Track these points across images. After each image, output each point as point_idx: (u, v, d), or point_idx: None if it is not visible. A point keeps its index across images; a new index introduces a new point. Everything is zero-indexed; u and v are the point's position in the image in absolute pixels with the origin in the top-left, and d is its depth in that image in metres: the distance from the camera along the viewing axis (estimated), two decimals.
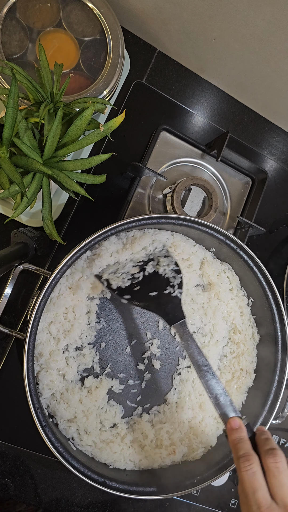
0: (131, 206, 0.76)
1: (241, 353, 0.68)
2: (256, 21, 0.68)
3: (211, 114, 0.87)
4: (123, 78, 0.79)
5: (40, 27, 0.68)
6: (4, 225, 0.70)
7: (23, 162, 0.53)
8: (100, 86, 0.68)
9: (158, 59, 0.84)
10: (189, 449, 0.65)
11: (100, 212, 0.76)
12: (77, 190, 0.58)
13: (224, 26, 0.72)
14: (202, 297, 0.67)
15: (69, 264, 0.57)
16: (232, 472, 0.74)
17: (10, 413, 0.67)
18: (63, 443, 0.57)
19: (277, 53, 0.72)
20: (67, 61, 0.68)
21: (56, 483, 0.68)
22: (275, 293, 0.65)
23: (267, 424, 0.63)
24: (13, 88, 0.51)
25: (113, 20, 0.70)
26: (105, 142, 0.78)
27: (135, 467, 0.63)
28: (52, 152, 0.55)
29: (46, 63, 0.57)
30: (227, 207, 0.83)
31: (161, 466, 0.64)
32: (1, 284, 0.65)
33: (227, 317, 0.68)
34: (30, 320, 0.54)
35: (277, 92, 0.82)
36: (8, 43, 0.66)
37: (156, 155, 0.79)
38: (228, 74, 0.83)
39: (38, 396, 0.55)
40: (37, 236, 0.64)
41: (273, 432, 0.79)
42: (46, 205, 0.58)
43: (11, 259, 0.57)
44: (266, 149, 0.90)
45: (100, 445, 0.61)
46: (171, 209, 0.76)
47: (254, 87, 0.83)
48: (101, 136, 0.59)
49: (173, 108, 0.83)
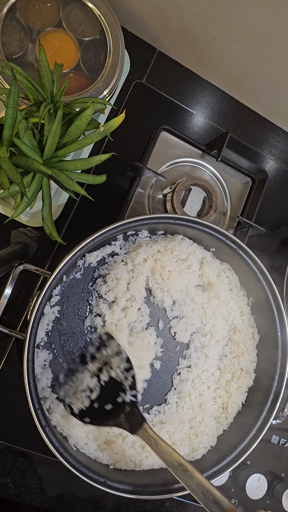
0: (131, 206, 0.76)
1: (241, 353, 0.68)
2: (256, 21, 0.68)
3: (211, 114, 0.87)
4: (123, 78, 0.79)
5: (40, 27, 0.68)
6: (4, 225, 0.70)
7: (23, 162, 0.53)
8: (100, 86, 0.68)
9: (158, 59, 0.84)
10: (190, 449, 0.65)
11: (100, 212, 0.76)
12: (77, 190, 0.58)
13: (224, 26, 0.72)
14: (202, 297, 0.67)
15: (69, 264, 0.57)
16: (232, 472, 0.74)
17: (10, 413, 0.67)
18: (63, 443, 0.57)
19: (277, 53, 0.72)
20: (67, 61, 0.68)
21: (56, 483, 0.68)
22: (275, 293, 0.65)
23: (267, 424, 0.63)
24: (13, 88, 0.51)
25: (113, 20, 0.70)
26: (105, 142, 0.78)
27: (135, 467, 0.63)
28: (52, 152, 0.55)
29: (46, 63, 0.57)
30: (227, 207, 0.83)
31: (161, 466, 0.64)
32: (1, 284, 0.65)
33: (227, 317, 0.68)
34: (30, 320, 0.54)
35: (277, 92, 0.82)
36: (8, 43, 0.66)
37: (156, 155, 0.79)
38: (228, 74, 0.83)
39: (38, 396, 0.55)
40: (37, 236, 0.64)
41: (273, 432, 0.79)
42: (46, 205, 0.58)
43: (11, 259, 0.57)
44: (266, 149, 0.90)
45: (102, 447, 0.61)
46: (171, 209, 0.76)
47: (254, 87, 0.83)
48: (101, 136, 0.59)
49: (173, 108, 0.83)
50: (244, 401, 0.68)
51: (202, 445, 0.65)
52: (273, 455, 0.78)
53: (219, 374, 0.68)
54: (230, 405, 0.67)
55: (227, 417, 0.67)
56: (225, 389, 0.67)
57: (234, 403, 0.67)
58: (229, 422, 0.67)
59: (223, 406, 0.67)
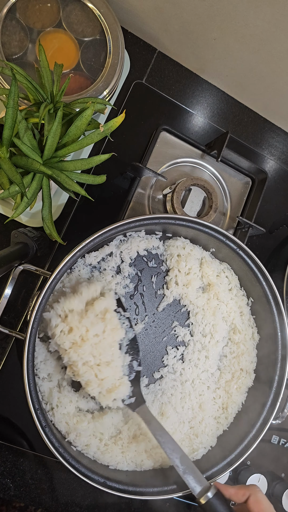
0: (131, 206, 0.76)
1: (241, 353, 0.68)
2: (256, 21, 0.68)
3: (211, 114, 0.87)
4: (123, 78, 0.79)
5: (40, 27, 0.68)
6: (4, 225, 0.70)
7: (23, 162, 0.53)
8: (100, 86, 0.68)
9: (158, 59, 0.84)
10: (190, 449, 0.65)
11: (100, 213, 0.76)
12: (77, 190, 0.58)
13: (224, 26, 0.72)
14: (201, 298, 0.67)
15: (69, 264, 0.57)
16: (232, 472, 0.74)
17: (10, 413, 0.67)
18: (63, 444, 0.57)
19: (277, 53, 0.72)
20: (67, 61, 0.68)
21: (56, 483, 0.68)
22: (275, 293, 0.65)
23: (267, 424, 0.63)
24: (13, 88, 0.51)
25: (113, 20, 0.70)
26: (105, 142, 0.78)
27: (136, 468, 0.63)
28: (52, 152, 0.55)
29: (46, 63, 0.57)
30: (227, 207, 0.83)
31: (162, 466, 0.64)
32: (1, 284, 0.66)
33: (226, 317, 0.68)
34: (30, 320, 0.54)
35: (277, 92, 0.82)
36: (8, 43, 0.66)
37: (156, 155, 0.79)
38: (228, 74, 0.83)
39: (38, 396, 0.55)
40: (37, 236, 0.64)
41: (273, 432, 0.79)
42: (46, 205, 0.58)
43: (11, 259, 0.57)
44: (266, 149, 0.90)
45: (103, 448, 0.61)
46: (171, 209, 0.76)
47: (254, 87, 0.83)
48: (101, 136, 0.59)
49: (173, 108, 0.83)
50: (244, 401, 0.68)
51: (202, 445, 0.65)
52: (273, 455, 0.78)
53: (219, 374, 0.68)
54: (230, 405, 0.67)
55: (227, 417, 0.67)
56: (225, 389, 0.67)
57: (234, 403, 0.67)
58: (229, 422, 0.67)
59: (223, 406, 0.67)
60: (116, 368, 0.57)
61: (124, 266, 0.65)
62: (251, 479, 0.73)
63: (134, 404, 0.59)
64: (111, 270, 0.65)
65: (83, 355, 0.55)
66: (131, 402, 0.59)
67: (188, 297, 0.67)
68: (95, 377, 0.56)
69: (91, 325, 0.55)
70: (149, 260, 0.68)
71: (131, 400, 0.59)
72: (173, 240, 0.68)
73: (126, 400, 0.59)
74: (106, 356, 0.56)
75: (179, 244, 0.68)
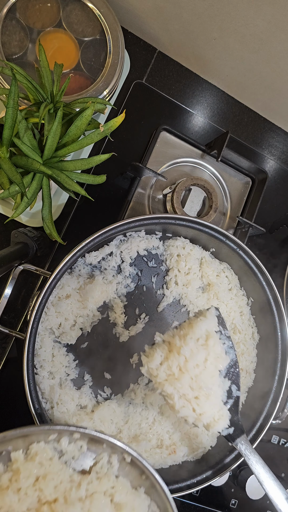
0: (131, 206, 0.76)
1: (241, 353, 0.68)
2: (256, 21, 0.68)
3: (211, 114, 0.87)
4: (123, 78, 0.79)
5: (40, 27, 0.68)
6: (4, 225, 0.70)
7: (23, 162, 0.53)
8: (100, 86, 0.68)
9: (158, 59, 0.84)
10: (190, 449, 0.65)
11: (100, 212, 0.76)
12: (77, 190, 0.58)
13: (224, 26, 0.72)
14: (201, 298, 0.68)
15: (69, 264, 0.57)
16: (232, 472, 0.74)
17: (10, 413, 0.67)
18: None
19: (277, 53, 0.72)
20: (67, 61, 0.68)
21: None
22: (275, 293, 0.65)
23: (267, 424, 0.62)
24: (13, 88, 0.51)
25: (113, 20, 0.70)
26: (105, 142, 0.78)
27: None
28: (52, 152, 0.55)
29: (46, 63, 0.57)
30: (227, 207, 0.83)
31: (162, 466, 0.64)
32: (1, 284, 0.66)
33: (226, 317, 0.68)
34: (30, 320, 0.54)
35: (277, 92, 0.82)
36: (8, 43, 0.66)
37: (156, 155, 0.79)
38: (228, 74, 0.83)
39: (38, 396, 0.55)
40: (37, 236, 0.64)
41: (273, 432, 0.79)
42: (46, 205, 0.58)
43: (11, 259, 0.57)
44: (266, 149, 0.90)
45: None
46: (171, 209, 0.76)
47: (254, 87, 0.83)
48: (101, 136, 0.59)
49: (173, 108, 0.83)
50: (244, 401, 0.68)
51: (202, 445, 0.65)
52: (273, 455, 0.78)
53: None
54: None
55: None
56: None
57: None
58: None
59: None
60: (216, 400, 0.50)
61: (125, 266, 0.65)
62: (251, 479, 0.73)
63: (233, 435, 0.52)
64: (112, 270, 0.65)
65: (180, 388, 0.48)
66: (229, 432, 0.52)
67: (188, 297, 0.67)
68: (193, 412, 0.49)
69: (191, 355, 0.48)
70: (149, 260, 0.68)
71: (229, 430, 0.52)
72: (173, 240, 0.68)
73: (224, 431, 0.52)
74: (206, 387, 0.49)
75: (179, 244, 0.68)
